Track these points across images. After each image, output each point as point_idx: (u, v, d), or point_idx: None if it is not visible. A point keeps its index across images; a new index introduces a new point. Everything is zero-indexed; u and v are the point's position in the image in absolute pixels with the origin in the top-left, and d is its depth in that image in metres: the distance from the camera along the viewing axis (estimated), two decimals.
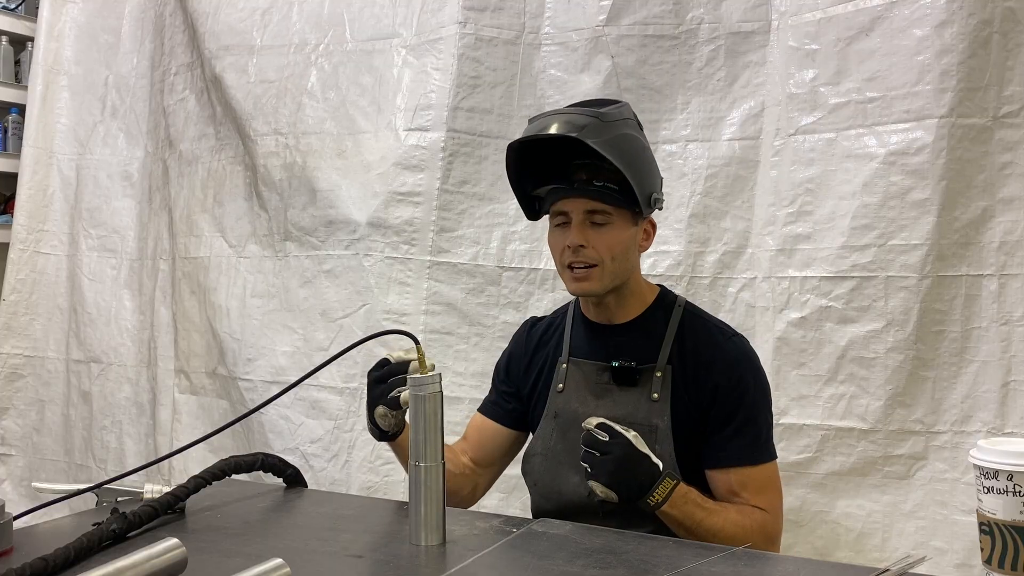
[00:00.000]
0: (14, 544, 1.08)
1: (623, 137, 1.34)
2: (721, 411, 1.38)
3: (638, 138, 1.40)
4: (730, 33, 2.23)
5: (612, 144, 1.31)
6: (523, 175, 1.46)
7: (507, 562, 1.08)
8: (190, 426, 2.75)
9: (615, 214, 1.38)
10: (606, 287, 1.41)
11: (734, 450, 1.38)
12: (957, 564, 1.93)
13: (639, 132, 1.42)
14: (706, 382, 1.39)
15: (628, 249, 1.41)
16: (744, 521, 1.33)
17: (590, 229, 1.38)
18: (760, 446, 1.39)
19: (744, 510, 1.35)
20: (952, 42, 1.92)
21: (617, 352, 1.43)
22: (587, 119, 1.32)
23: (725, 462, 1.38)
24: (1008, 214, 1.94)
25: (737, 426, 1.38)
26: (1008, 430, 1.93)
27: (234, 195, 2.73)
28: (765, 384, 1.44)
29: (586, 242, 1.37)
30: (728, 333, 1.44)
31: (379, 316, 2.43)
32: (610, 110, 1.36)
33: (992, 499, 0.92)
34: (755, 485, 1.37)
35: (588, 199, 1.37)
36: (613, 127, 1.33)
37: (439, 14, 2.44)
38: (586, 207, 1.37)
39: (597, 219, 1.38)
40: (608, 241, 1.38)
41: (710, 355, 1.40)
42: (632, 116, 1.42)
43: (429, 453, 1.12)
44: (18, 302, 3.03)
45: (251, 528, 1.22)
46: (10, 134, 3.28)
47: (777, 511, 1.39)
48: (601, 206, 1.37)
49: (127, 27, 3.04)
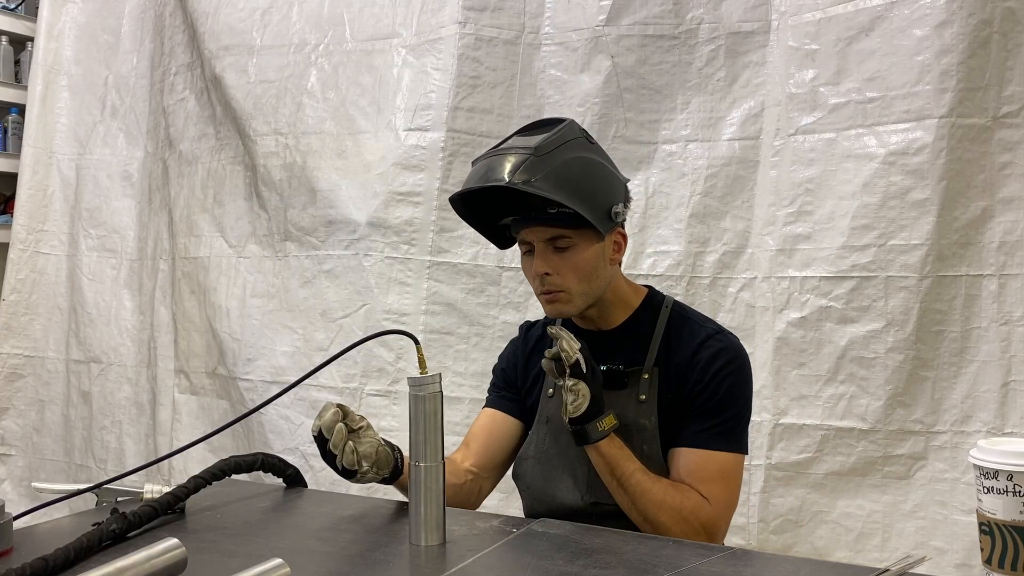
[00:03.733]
0: (14, 544, 1.08)
1: (564, 164, 1.32)
2: (694, 401, 1.38)
3: (583, 156, 1.36)
4: (730, 33, 2.23)
5: (552, 176, 1.29)
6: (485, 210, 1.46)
7: (507, 562, 1.08)
8: (190, 426, 2.75)
9: (575, 236, 1.36)
10: (579, 308, 1.41)
11: (693, 431, 1.37)
12: (957, 564, 1.93)
13: (586, 148, 1.38)
14: (686, 379, 1.39)
15: (596, 268, 1.39)
16: (677, 496, 1.31)
17: (554, 255, 1.37)
18: (723, 434, 1.37)
19: (681, 487, 1.33)
20: (952, 42, 1.92)
21: (605, 356, 1.43)
22: (523, 156, 1.30)
23: (683, 441, 1.37)
24: (1008, 214, 1.94)
25: (705, 410, 1.37)
26: (1008, 430, 1.93)
27: (234, 195, 2.73)
28: (746, 379, 1.43)
29: (551, 269, 1.37)
30: (710, 330, 1.43)
31: (379, 316, 2.43)
32: (546, 140, 1.32)
33: (992, 499, 0.92)
34: (705, 472, 1.35)
35: (546, 227, 1.36)
36: (551, 158, 1.31)
37: (439, 14, 2.44)
38: (546, 235, 1.37)
39: (559, 244, 1.37)
40: (573, 265, 1.37)
41: (692, 352, 1.40)
42: (578, 135, 1.38)
43: (429, 453, 1.12)
44: (18, 302, 3.03)
45: (251, 528, 1.22)
46: (10, 134, 3.28)
47: (720, 504, 1.35)
48: (560, 231, 1.36)
49: (127, 27, 3.04)
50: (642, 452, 1.37)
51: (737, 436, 1.39)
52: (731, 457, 1.37)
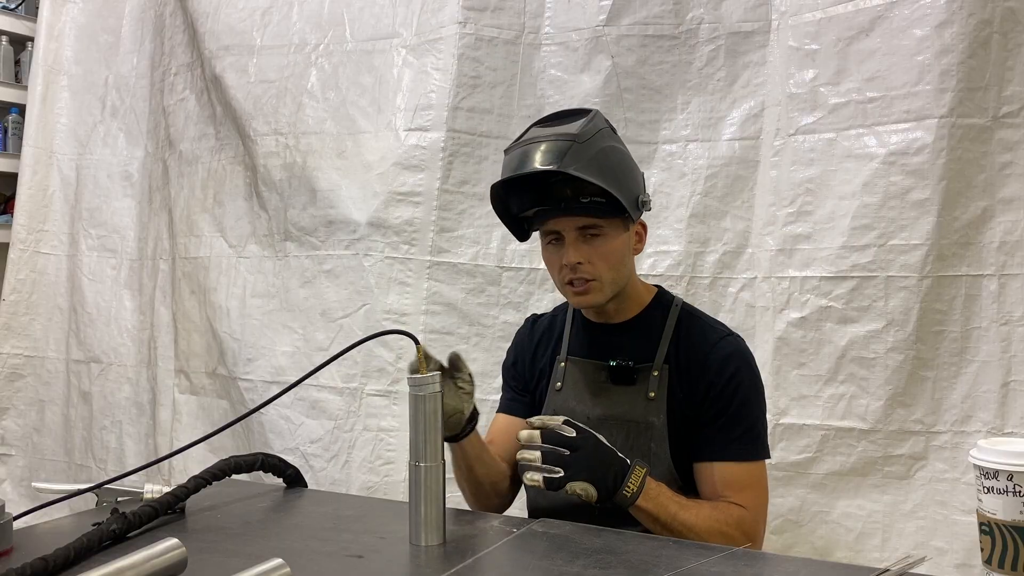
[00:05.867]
0: (14, 544, 1.08)
1: (602, 152, 1.34)
2: (713, 407, 1.38)
3: (615, 146, 1.39)
4: (730, 33, 2.23)
5: (593, 163, 1.31)
6: (507, 201, 1.46)
7: (507, 562, 1.08)
8: (190, 426, 2.75)
9: (606, 225, 1.38)
10: (608, 297, 1.42)
11: (720, 444, 1.37)
12: (957, 564, 1.93)
13: (615, 139, 1.41)
14: (699, 380, 1.39)
15: (624, 257, 1.42)
16: (720, 516, 1.32)
17: (584, 244, 1.38)
18: (748, 443, 1.39)
19: (720, 506, 1.34)
20: (952, 42, 1.92)
21: (615, 351, 1.44)
22: (566, 144, 1.31)
23: (711, 455, 1.38)
24: (1008, 214, 1.94)
25: (727, 421, 1.38)
26: (1008, 430, 1.93)
27: (234, 195, 2.73)
28: (759, 383, 1.44)
29: (583, 259, 1.38)
30: (722, 332, 1.44)
31: (379, 316, 2.43)
32: (584, 128, 1.34)
33: (992, 499, 0.92)
34: (738, 482, 1.36)
35: (579, 216, 1.37)
36: (591, 145, 1.33)
37: (439, 14, 2.44)
38: (577, 224, 1.38)
39: (590, 233, 1.38)
40: (604, 253, 1.38)
41: (704, 353, 1.40)
42: (605, 124, 1.41)
43: (429, 453, 1.12)
44: (18, 302, 3.03)
45: (251, 528, 1.22)
46: (10, 134, 3.28)
47: (758, 510, 1.38)
48: (592, 221, 1.37)
49: (127, 27, 3.04)
50: (649, 450, 1.37)
51: (763, 443, 1.41)
52: (760, 465, 1.40)
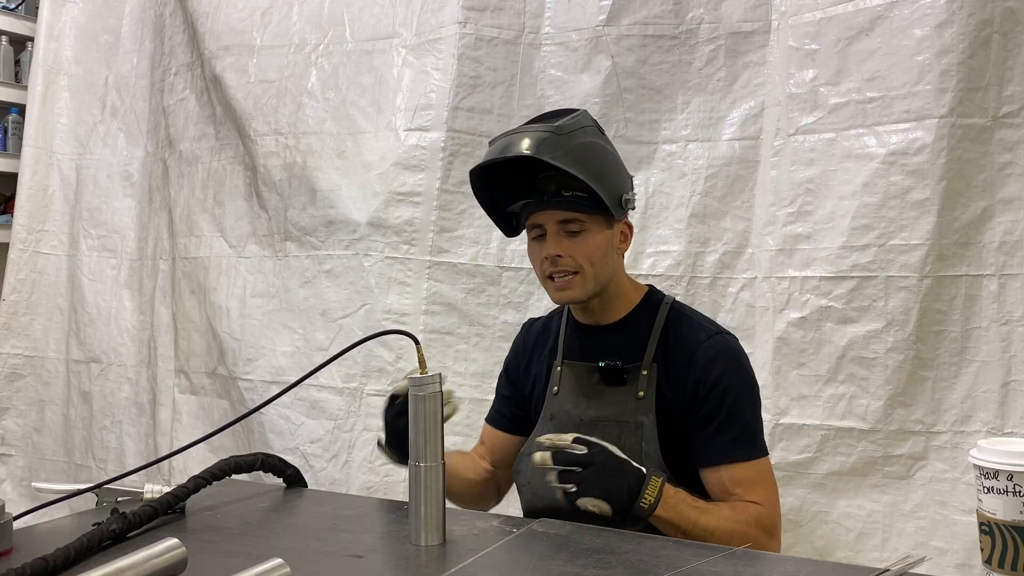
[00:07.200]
0: (14, 544, 1.08)
1: (582, 146, 1.36)
2: (703, 408, 1.38)
3: (598, 143, 1.41)
4: (730, 33, 2.23)
5: (572, 155, 1.33)
6: (495, 195, 1.48)
7: (507, 562, 1.08)
8: (190, 426, 2.75)
9: (588, 221, 1.39)
10: (589, 293, 1.42)
11: (721, 447, 1.37)
12: (957, 564, 1.93)
13: (600, 137, 1.43)
14: (686, 379, 1.39)
15: (606, 253, 1.42)
16: (739, 516, 1.32)
17: (565, 238, 1.39)
18: (747, 442, 1.39)
19: (737, 506, 1.35)
20: (952, 42, 1.92)
21: (605, 352, 1.44)
22: (543, 134, 1.33)
23: (714, 459, 1.38)
24: (1008, 214, 1.94)
25: (721, 423, 1.38)
26: (1008, 430, 1.93)
27: (234, 195, 2.73)
28: (750, 381, 1.43)
29: (563, 251, 1.39)
30: (711, 330, 1.44)
31: (379, 316, 2.43)
32: (566, 122, 1.37)
33: (992, 499, 0.92)
34: (748, 480, 1.37)
35: (559, 210, 1.39)
36: (571, 138, 1.35)
37: (439, 14, 2.44)
38: (559, 218, 1.39)
39: (571, 228, 1.39)
40: (584, 248, 1.39)
41: (690, 352, 1.40)
42: (591, 123, 1.43)
43: (429, 453, 1.12)
44: (18, 302, 3.03)
45: (251, 528, 1.22)
46: (10, 134, 3.28)
47: (772, 503, 1.39)
48: (573, 215, 1.38)
49: (127, 27, 3.04)
50: (640, 449, 1.37)
51: (761, 439, 1.42)
52: (764, 461, 1.40)
